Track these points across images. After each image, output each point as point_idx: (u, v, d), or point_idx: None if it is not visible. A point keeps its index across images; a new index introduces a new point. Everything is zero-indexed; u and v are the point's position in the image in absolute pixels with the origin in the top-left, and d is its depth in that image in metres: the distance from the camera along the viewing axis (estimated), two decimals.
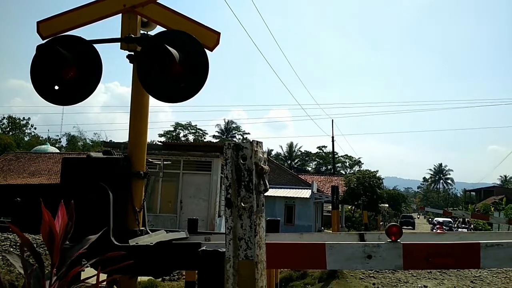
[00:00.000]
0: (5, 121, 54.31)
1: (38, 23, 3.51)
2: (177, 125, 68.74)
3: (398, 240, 2.84)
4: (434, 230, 31.69)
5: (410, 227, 45.91)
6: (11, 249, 7.26)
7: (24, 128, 56.68)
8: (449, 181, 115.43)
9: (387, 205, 50.58)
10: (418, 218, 75.39)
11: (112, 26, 3.65)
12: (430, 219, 52.90)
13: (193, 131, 69.73)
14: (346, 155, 79.59)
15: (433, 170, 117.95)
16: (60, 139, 57.38)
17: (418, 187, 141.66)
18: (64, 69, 3.32)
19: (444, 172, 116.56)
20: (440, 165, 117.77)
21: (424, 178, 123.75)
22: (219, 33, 3.34)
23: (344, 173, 67.67)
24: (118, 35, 3.42)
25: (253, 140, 1.79)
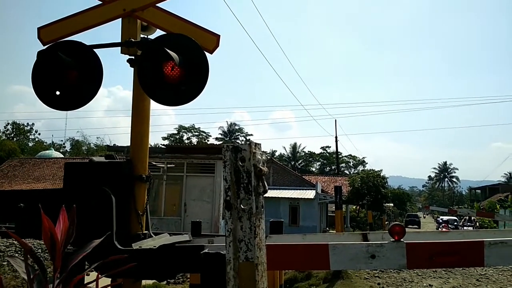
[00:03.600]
0: (9, 127, 54.65)
1: (39, 29, 3.53)
2: (181, 128, 68.84)
3: (402, 240, 2.84)
4: (439, 229, 31.59)
5: (415, 226, 45.82)
6: (16, 255, 7.29)
7: (28, 134, 57.00)
8: (454, 179, 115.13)
9: (392, 205, 50.43)
10: (425, 217, 74.99)
11: (113, 30, 3.67)
12: (437, 218, 52.72)
13: (196, 133, 69.80)
14: (350, 155, 79.63)
15: (438, 168, 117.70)
16: (64, 144, 57.83)
17: (423, 186, 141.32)
18: (65, 75, 3.33)
19: (449, 170, 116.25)
20: (445, 163, 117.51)
21: (429, 176, 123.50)
22: (218, 36, 3.34)
23: (348, 173, 67.64)
24: (118, 39, 3.44)
25: (251, 142, 1.79)
